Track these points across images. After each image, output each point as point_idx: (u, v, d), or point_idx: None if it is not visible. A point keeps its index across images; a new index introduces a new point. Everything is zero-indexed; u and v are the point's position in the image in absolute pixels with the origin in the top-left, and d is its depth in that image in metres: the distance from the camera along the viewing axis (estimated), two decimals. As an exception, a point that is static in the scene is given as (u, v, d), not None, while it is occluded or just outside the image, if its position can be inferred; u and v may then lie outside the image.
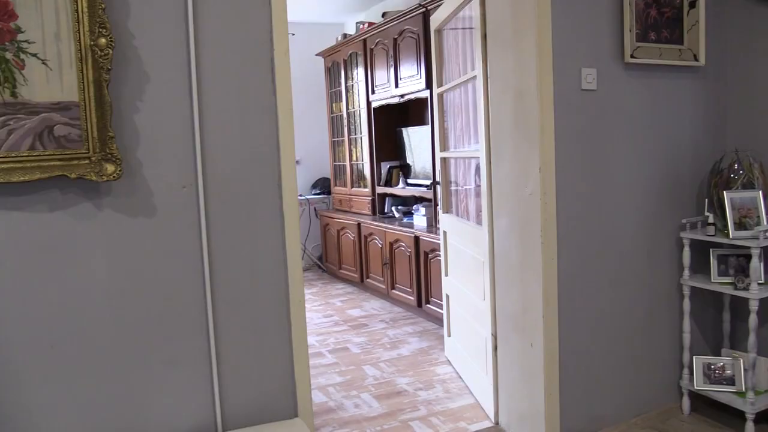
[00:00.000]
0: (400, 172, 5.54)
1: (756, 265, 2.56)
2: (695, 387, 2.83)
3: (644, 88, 2.71)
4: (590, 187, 2.61)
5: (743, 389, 2.70)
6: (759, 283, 2.60)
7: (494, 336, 2.87)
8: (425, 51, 4.48)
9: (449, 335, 3.74)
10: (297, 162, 2.06)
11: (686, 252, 2.82)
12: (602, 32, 2.57)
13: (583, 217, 2.61)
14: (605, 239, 2.67)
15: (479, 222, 3.01)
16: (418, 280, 4.67)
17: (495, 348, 2.87)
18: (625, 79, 2.65)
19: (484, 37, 2.71)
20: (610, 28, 2.58)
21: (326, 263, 6.49)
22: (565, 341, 2.57)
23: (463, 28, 3.20)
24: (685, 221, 2.83)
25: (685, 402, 2.90)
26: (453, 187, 3.68)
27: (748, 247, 2.58)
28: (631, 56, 2.61)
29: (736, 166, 2.77)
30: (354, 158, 6.06)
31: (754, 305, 2.58)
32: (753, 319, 2.60)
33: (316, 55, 6.39)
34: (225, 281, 1.98)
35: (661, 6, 2.68)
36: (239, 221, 1.99)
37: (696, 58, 2.80)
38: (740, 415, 2.65)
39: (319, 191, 6.83)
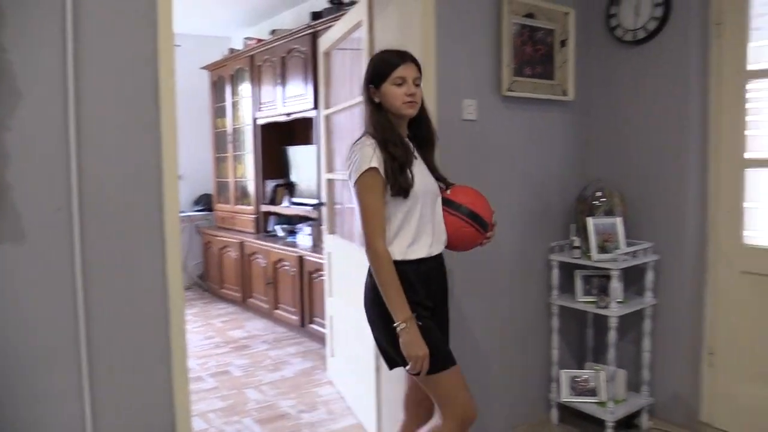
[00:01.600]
0: (285, 191, 5.50)
1: (615, 285, 2.80)
2: (562, 399, 3.02)
3: (520, 120, 2.90)
4: (470, 212, 2.74)
5: (604, 399, 2.92)
6: (618, 302, 2.84)
7: (377, 357, 2.90)
8: (313, 71, 4.50)
9: (333, 355, 3.75)
10: (179, 177, 1.99)
11: (555, 273, 3.03)
12: (483, 66, 2.73)
13: (463, 241, 2.72)
14: (482, 261, 2.80)
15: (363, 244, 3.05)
16: (302, 299, 4.65)
17: (378, 369, 2.91)
18: (502, 110, 2.81)
19: (371, 63, 2.77)
20: (490, 63, 2.74)
21: (207, 282, 6.30)
22: (445, 360, 2.66)
23: (352, 54, 3.26)
24: (553, 244, 3.04)
25: (554, 413, 3.10)
26: (338, 209, 3.71)
27: (609, 269, 2.81)
28: (509, 89, 2.79)
29: (599, 194, 3.02)
30: (238, 175, 5.94)
31: (613, 322, 2.81)
32: (612, 335, 2.83)
33: (201, 68, 6.23)
34: (100, 308, 1.87)
35: (536, 43, 2.89)
36: (117, 243, 1.90)
37: (565, 93, 3.04)
38: (602, 424, 2.86)
39: (201, 208, 6.62)
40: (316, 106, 4.54)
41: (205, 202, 6.62)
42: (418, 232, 1.99)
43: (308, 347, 4.47)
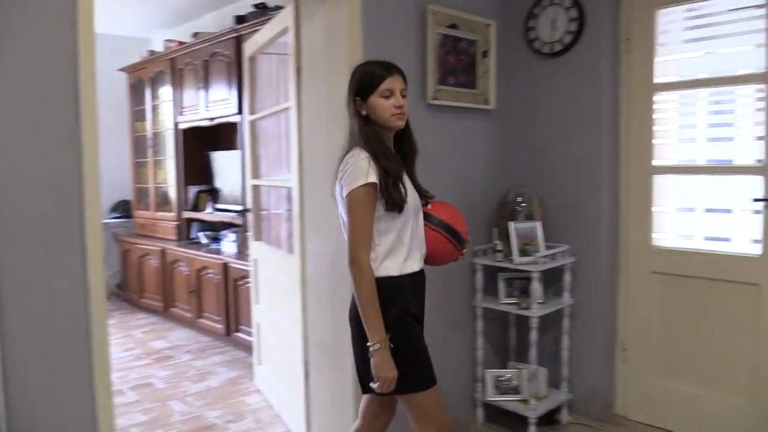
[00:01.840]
0: (209, 197, 5.39)
1: (536, 287, 2.92)
2: (487, 398, 3.11)
3: (444, 127, 2.97)
4: (397, 218, 2.78)
5: (527, 397, 3.03)
6: (538, 303, 2.96)
7: (306, 363, 2.90)
8: (238, 75, 4.45)
9: (260, 363, 3.71)
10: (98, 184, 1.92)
11: (478, 276, 3.12)
12: (408, 75, 2.75)
13: (391, 246, 2.76)
14: (410, 266, 2.86)
15: (291, 250, 3.05)
16: (226, 307, 4.57)
17: (307, 374, 2.90)
18: (428, 118, 2.88)
19: (298, 71, 2.77)
20: (415, 72, 2.80)
21: (126, 292, 6.07)
22: (374, 364, 2.69)
23: (278, 58, 3.25)
24: (477, 248, 3.13)
25: (479, 413, 3.18)
26: (265, 215, 3.67)
27: (529, 272, 2.92)
28: (433, 98, 2.85)
29: (519, 199, 3.13)
30: (159, 181, 5.77)
31: (534, 322, 2.93)
32: (534, 335, 2.95)
33: (119, 70, 6.01)
34: (16, 330, 1.78)
35: (459, 54, 2.97)
36: (34, 254, 1.81)
37: (487, 102, 3.14)
38: (525, 421, 2.97)
39: (119, 215, 6.37)
40: (240, 111, 4.48)
41: (123, 209, 6.38)
42: (411, 246, 2.00)
43: (234, 356, 4.40)
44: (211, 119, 4.92)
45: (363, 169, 1.88)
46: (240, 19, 4.57)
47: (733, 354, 2.87)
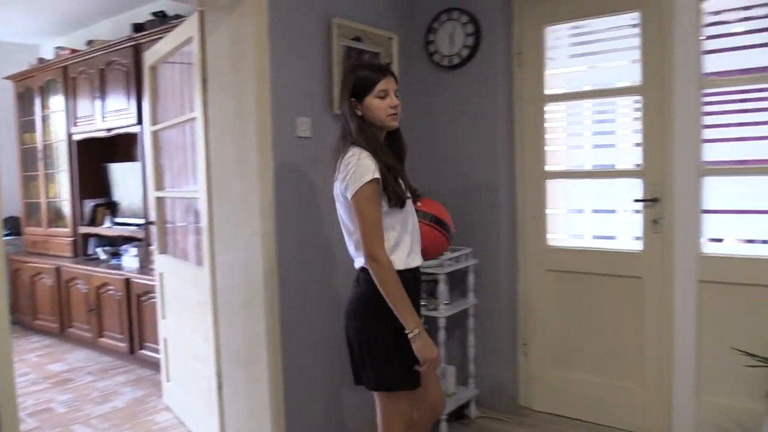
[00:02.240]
0: (107, 211, 5.18)
1: (442, 288, 3.04)
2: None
3: (350, 137, 3.04)
4: (308, 226, 2.82)
5: (437, 396, 3.14)
6: (445, 304, 3.08)
7: (219, 375, 2.88)
8: (137, 85, 4.33)
9: (168, 380, 3.61)
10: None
11: (388, 281, 3.21)
12: (315, 86, 2.83)
13: (303, 254, 2.80)
14: (323, 273, 2.90)
15: (200, 262, 3.01)
16: (130, 325, 4.41)
17: (220, 387, 2.88)
18: (335, 127, 2.92)
19: (204, 81, 2.76)
20: (322, 83, 2.86)
21: (16, 314, 5.70)
22: (289, 372, 2.71)
23: (182, 68, 3.20)
24: (386, 254, 3.21)
25: (395, 414, 3.27)
26: (170, 227, 3.60)
27: (436, 274, 3.04)
28: (339, 108, 2.91)
29: (424, 205, 3.25)
30: (51, 195, 5.48)
31: (442, 322, 3.06)
32: (442, 334, 3.07)
33: (5, 78, 5.66)
34: None
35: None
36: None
37: (391, 113, 3.24)
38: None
39: (6, 232, 5.98)
40: (140, 122, 4.36)
41: (11, 226, 5.99)
42: (413, 240, 2.07)
43: (140, 374, 4.25)
44: (109, 130, 4.75)
45: (367, 167, 1.92)
46: (138, 27, 4.45)
47: (622, 342, 3.12)
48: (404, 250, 2.04)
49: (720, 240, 2.90)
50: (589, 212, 3.35)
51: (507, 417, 3.30)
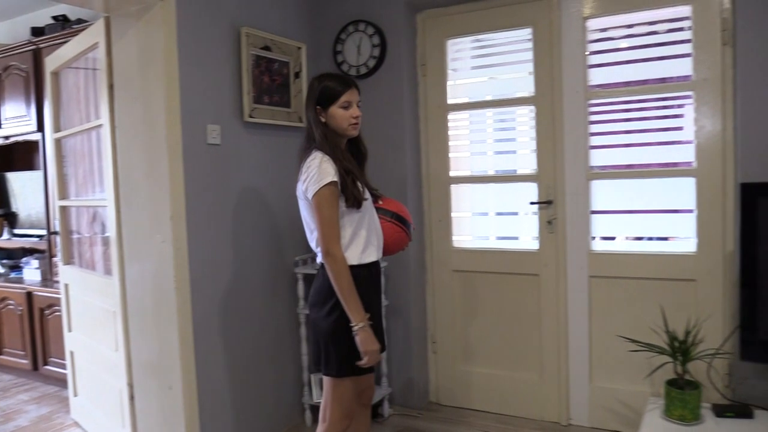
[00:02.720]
0: (5, 222, 4.94)
1: (354, 291, 3.13)
2: (314, 400, 3.27)
3: (261, 144, 3.10)
4: (220, 232, 2.85)
5: (351, 396, 3.23)
6: (357, 306, 3.17)
7: (130, 385, 2.84)
8: (37, 91, 4.18)
9: (76, 395, 3.51)
10: None
11: (300, 285, 3.28)
12: (225, 94, 2.87)
13: (215, 260, 2.82)
14: (235, 278, 2.93)
15: (108, 272, 2.97)
16: (32, 340, 4.23)
17: (132, 397, 2.84)
18: (245, 135, 2.99)
19: (111, 87, 2.74)
20: (232, 91, 2.90)
21: None
22: (203, 378, 2.72)
23: (87, 74, 3.15)
24: (298, 258, 3.29)
25: (308, 415, 3.33)
26: (75, 237, 3.50)
27: (348, 277, 3.13)
28: (250, 116, 2.97)
29: (335, 210, 3.34)
30: (-59, 207, 5.16)
31: (354, 324, 3.15)
32: (355, 336, 3.17)
33: None
34: None
35: (273, 74, 3.12)
36: None
37: (301, 120, 3.31)
38: (350, 418, 3.17)
39: None
40: (41, 129, 4.21)
41: None
42: (368, 237, 2.22)
43: (44, 391, 4.09)
44: (6, 137, 4.54)
45: (326, 170, 2.09)
46: (37, 31, 4.30)
47: (523, 336, 3.33)
48: (359, 246, 2.20)
49: (612, 238, 3.16)
50: (493, 215, 3.55)
51: (419, 413, 3.44)
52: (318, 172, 2.10)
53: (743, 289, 2.51)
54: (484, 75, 3.44)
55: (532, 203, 3.23)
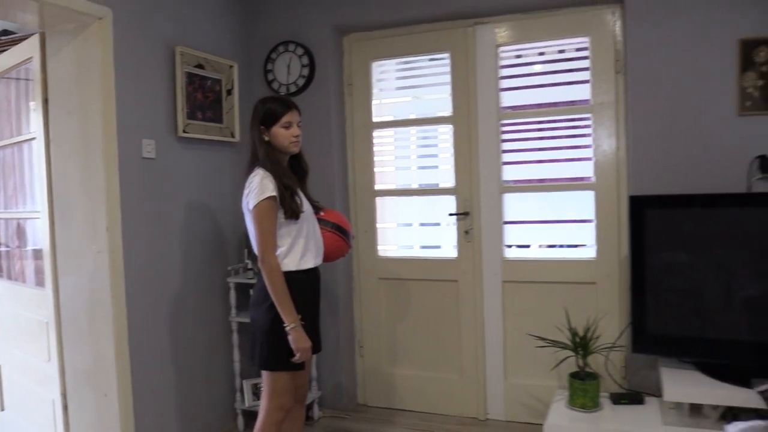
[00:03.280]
0: None
1: (285, 298, 3.29)
2: (246, 406, 3.39)
3: (195, 158, 3.22)
4: (155, 243, 2.95)
5: (282, 400, 3.37)
6: (288, 313, 3.33)
7: (64, 395, 2.88)
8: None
9: (3, 409, 3.47)
10: None
11: (232, 294, 3.39)
12: (160, 109, 2.98)
13: (150, 270, 2.91)
14: (170, 288, 3.03)
15: (40, 283, 2.99)
16: (-51, 357, 4.12)
17: (65, 407, 2.88)
18: (179, 150, 3.10)
19: (46, 101, 2.79)
20: (166, 107, 3.01)
21: None
22: (138, 385, 2.80)
23: (17, 86, 3.17)
24: (230, 268, 3.41)
25: (240, 421, 3.44)
26: (4, 250, 3.48)
27: (279, 285, 3.28)
28: (184, 131, 3.09)
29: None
30: None
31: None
32: (286, 342, 3.32)
33: None
34: None
35: (206, 91, 3.25)
36: None
37: (233, 135, 3.46)
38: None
39: None
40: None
41: None
42: (306, 246, 2.43)
43: (-38, 409, 3.98)
44: None
45: (266, 186, 2.30)
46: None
47: (443, 338, 3.57)
48: (297, 254, 2.41)
49: (527, 246, 3.45)
50: (417, 225, 3.78)
51: (347, 414, 3.61)
52: (259, 187, 2.31)
53: (634, 290, 2.84)
54: (408, 95, 3.69)
55: (450, 214, 3.49)
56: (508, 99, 3.38)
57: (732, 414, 2.60)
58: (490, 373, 3.48)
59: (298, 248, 2.41)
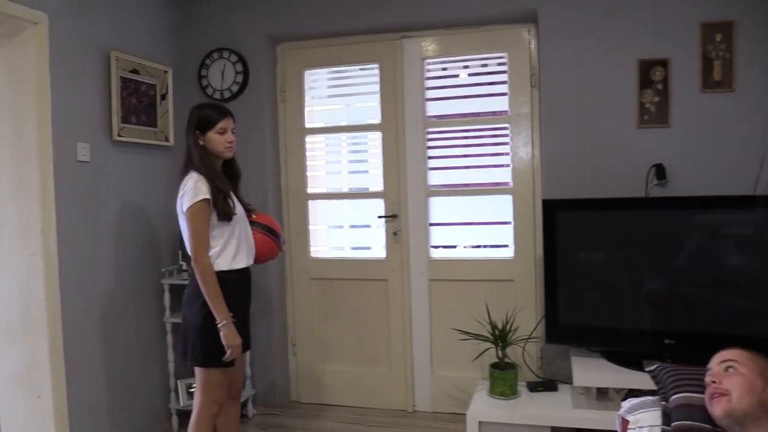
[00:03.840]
0: None
1: (220, 299, 3.37)
2: (181, 405, 3.45)
3: (130, 161, 3.26)
4: (90, 245, 2.97)
5: (216, 399, 3.44)
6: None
7: (-8, 398, 2.86)
8: None
9: None
10: None
11: (167, 295, 3.44)
12: (95, 113, 3.01)
13: (85, 272, 2.94)
14: (105, 289, 3.06)
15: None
16: None
17: (-7, 411, 2.86)
18: (114, 153, 3.14)
19: (-24, 105, 2.78)
20: (101, 110, 3.05)
21: None
22: (72, 386, 2.82)
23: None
24: (164, 270, 3.46)
25: (174, 420, 3.49)
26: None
27: (214, 286, 3.36)
28: (118, 135, 3.13)
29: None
30: None
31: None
32: (220, 342, 3.40)
33: None
34: None
35: (140, 96, 3.30)
36: None
37: (167, 139, 3.51)
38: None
39: None
40: None
41: None
42: (238, 247, 2.54)
43: None
44: None
45: (199, 189, 2.41)
46: None
47: (373, 335, 3.75)
48: (229, 254, 2.51)
49: (453, 246, 3.67)
50: (347, 227, 3.93)
51: (281, 411, 3.73)
52: (192, 189, 2.42)
53: (547, 286, 3.10)
54: (340, 103, 3.84)
55: (379, 217, 3.68)
56: (433, 109, 3.60)
57: (633, 396, 2.90)
58: (418, 367, 3.68)
59: (231, 249, 2.51)
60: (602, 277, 3.02)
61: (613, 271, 3.01)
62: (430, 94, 3.60)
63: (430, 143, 3.61)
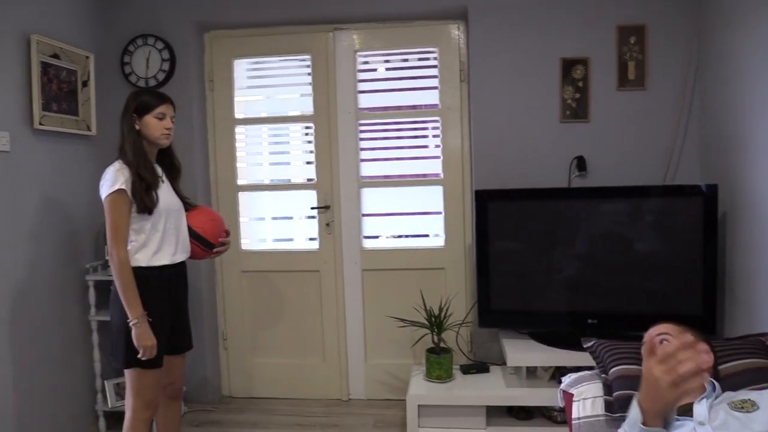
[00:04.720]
0: None
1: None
2: (109, 406, 3.31)
3: (51, 151, 3.07)
4: (8, 239, 2.78)
5: (146, 397, 3.33)
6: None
7: None
8: None
9: None
10: None
11: (91, 292, 3.28)
12: (15, 100, 2.82)
13: (3, 269, 2.75)
14: (23, 286, 2.88)
15: None
16: None
17: None
18: (35, 142, 2.95)
19: None
20: (21, 98, 2.86)
21: None
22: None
23: None
24: (88, 266, 3.30)
25: (102, 422, 3.34)
26: None
27: (144, 282, 3.24)
28: (40, 123, 2.94)
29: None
30: None
31: (151, 327, 3.27)
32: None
33: None
34: None
35: (61, 82, 3.12)
36: None
37: (89, 128, 3.34)
38: (147, 418, 3.27)
39: None
40: None
41: None
42: (162, 242, 2.40)
43: None
44: None
45: (117, 179, 2.29)
46: None
47: (307, 326, 3.76)
48: (151, 249, 2.37)
49: (377, 236, 3.74)
50: (269, 219, 3.89)
51: (213, 407, 3.66)
52: (111, 179, 2.31)
53: (479, 272, 3.24)
54: (270, 93, 3.79)
55: (312, 208, 3.69)
56: (365, 101, 3.65)
57: (560, 373, 3.10)
58: (352, 356, 3.73)
59: (153, 244, 2.38)
60: (530, 263, 3.20)
61: (540, 257, 3.19)
62: (362, 86, 3.64)
63: (363, 135, 3.66)
